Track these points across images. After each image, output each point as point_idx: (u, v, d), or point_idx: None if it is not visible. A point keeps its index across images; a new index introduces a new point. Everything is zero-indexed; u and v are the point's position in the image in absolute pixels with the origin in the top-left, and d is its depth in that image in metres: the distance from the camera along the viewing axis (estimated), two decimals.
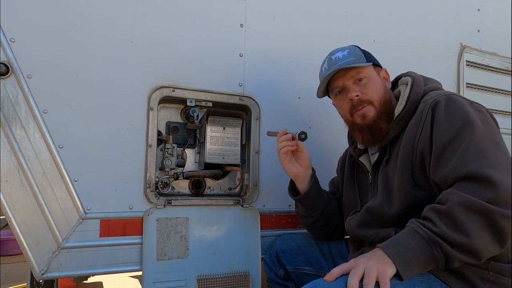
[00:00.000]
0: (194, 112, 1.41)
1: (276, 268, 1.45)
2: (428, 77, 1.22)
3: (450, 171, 0.93)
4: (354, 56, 1.20)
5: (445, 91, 1.11)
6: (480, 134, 0.94)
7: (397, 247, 0.88)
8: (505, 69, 2.11)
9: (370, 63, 1.19)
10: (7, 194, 1.14)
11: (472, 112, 0.99)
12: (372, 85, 1.18)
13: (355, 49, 1.23)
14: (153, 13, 1.35)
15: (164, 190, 1.38)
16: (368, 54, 1.24)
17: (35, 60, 1.19)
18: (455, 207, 0.86)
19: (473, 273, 0.93)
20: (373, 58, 1.25)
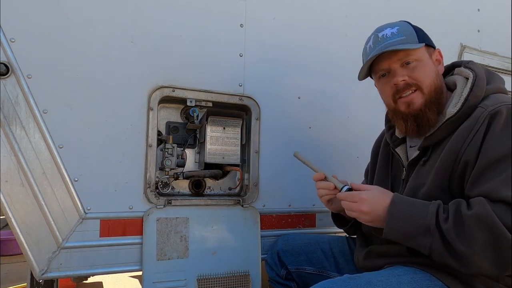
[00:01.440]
0: (194, 112, 1.41)
1: (278, 268, 1.45)
2: (491, 71, 1.09)
3: (489, 190, 0.88)
4: (405, 34, 1.06)
5: (508, 98, 0.98)
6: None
7: (400, 212, 0.93)
8: (505, 69, 2.11)
9: (422, 44, 1.04)
10: (7, 194, 1.14)
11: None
12: (422, 69, 1.05)
13: (406, 26, 1.08)
14: (153, 13, 1.35)
15: (164, 190, 1.38)
16: (421, 33, 1.08)
17: (35, 60, 1.19)
18: (474, 217, 0.85)
19: (482, 283, 0.92)
20: (427, 37, 1.09)
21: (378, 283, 0.93)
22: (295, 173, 1.54)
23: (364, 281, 0.93)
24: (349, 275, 0.96)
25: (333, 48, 1.65)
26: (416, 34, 1.07)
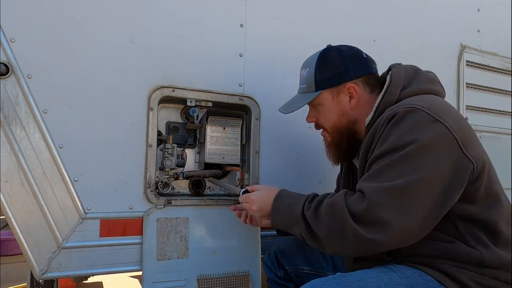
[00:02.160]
0: (194, 112, 1.41)
1: (276, 268, 1.45)
2: (416, 72, 1.12)
3: (359, 183, 0.97)
4: (306, 82, 1.19)
5: (420, 99, 1.00)
6: (404, 163, 0.90)
7: (281, 205, 1.08)
8: (505, 69, 2.11)
9: (318, 92, 1.15)
10: (7, 194, 1.14)
11: (417, 138, 0.90)
12: (324, 113, 1.18)
13: (311, 71, 1.17)
14: (153, 13, 1.35)
15: (164, 190, 1.38)
16: (324, 75, 1.15)
17: (35, 60, 1.19)
18: (328, 204, 0.97)
19: (468, 278, 0.93)
20: (332, 76, 1.14)
21: (370, 280, 0.94)
22: (295, 173, 1.54)
23: (356, 278, 0.94)
24: (341, 273, 0.98)
25: None
26: (315, 82, 1.15)
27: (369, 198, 0.90)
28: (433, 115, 0.93)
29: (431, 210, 0.90)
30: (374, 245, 0.90)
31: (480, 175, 0.95)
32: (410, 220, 0.89)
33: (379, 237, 0.88)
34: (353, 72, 1.14)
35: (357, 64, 1.15)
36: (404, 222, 0.88)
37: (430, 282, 0.94)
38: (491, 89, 2.07)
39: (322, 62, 1.16)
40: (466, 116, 1.97)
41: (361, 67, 1.15)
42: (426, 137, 0.90)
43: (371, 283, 0.92)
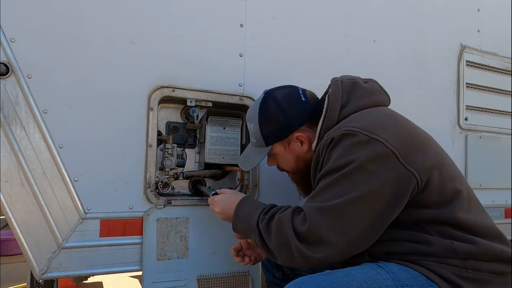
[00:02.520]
0: (194, 112, 1.41)
1: (274, 270, 1.45)
2: (355, 86, 1.13)
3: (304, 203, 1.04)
4: (255, 138, 1.22)
5: (352, 121, 1.04)
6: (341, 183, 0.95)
7: (242, 213, 1.13)
8: (505, 69, 2.11)
9: (269, 147, 1.20)
10: (7, 194, 1.14)
11: (353, 158, 0.94)
12: (281, 160, 1.25)
13: (256, 126, 1.20)
14: (153, 13, 1.35)
15: (164, 190, 1.38)
16: (269, 129, 1.18)
17: (35, 60, 1.19)
18: (277, 220, 1.02)
19: (451, 273, 0.95)
20: (277, 130, 1.17)
21: (357, 275, 0.94)
22: None
23: (343, 273, 0.95)
24: (329, 270, 0.99)
25: (333, 48, 1.65)
26: (263, 138, 1.19)
27: (309, 219, 0.96)
28: (367, 134, 0.96)
29: (371, 224, 0.95)
30: (318, 261, 0.96)
31: (429, 182, 0.97)
32: (349, 236, 0.94)
33: (321, 255, 0.94)
34: (296, 122, 1.17)
35: (298, 112, 1.17)
36: (343, 239, 0.94)
37: (417, 277, 0.95)
38: (491, 89, 2.07)
39: (263, 117, 1.19)
40: (466, 117, 1.97)
41: (302, 113, 1.17)
42: (362, 156, 0.94)
43: (358, 278, 0.93)
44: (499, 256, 0.98)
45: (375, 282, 0.92)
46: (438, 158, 1.03)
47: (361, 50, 1.71)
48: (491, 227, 1.03)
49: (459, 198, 1.00)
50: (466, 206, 1.01)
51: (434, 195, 0.98)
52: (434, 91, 1.90)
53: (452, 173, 1.04)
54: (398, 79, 1.79)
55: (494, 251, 0.98)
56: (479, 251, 0.96)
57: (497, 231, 1.04)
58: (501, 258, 0.99)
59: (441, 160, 1.03)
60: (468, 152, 1.96)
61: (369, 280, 0.93)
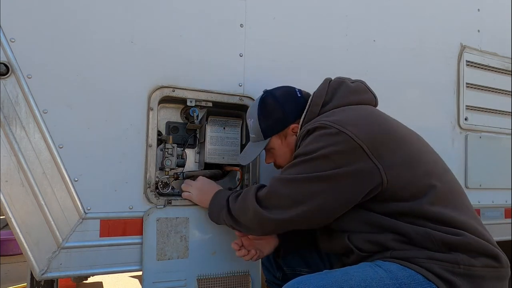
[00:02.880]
0: (194, 112, 1.41)
1: (274, 270, 1.45)
2: (341, 85, 1.21)
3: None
4: (254, 133, 1.30)
5: (326, 116, 1.12)
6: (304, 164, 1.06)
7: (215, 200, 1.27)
8: (505, 69, 2.11)
9: (267, 140, 1.27)
10: (7, 194, 1.14)
11: (319, 147, 1.04)
12: (278, 155, 1.30)
13: (255, 121, 1.28)
14: (153, 13, 1.35)
15: (164, 190, 1.38)
16: (267, 123, 1.26)
17: (35, 60, 1.19)
18: (244, 191, 1.19)
19: (443, 269, 0.96)
20: (274, 123, 1.26)
21: (355, 274, 0.96)
22: None
23: (341, 273, 0.97)
24: (328, 270, 1.00)
25: (333, 48, 1.65)
26: (262, 131, 1.27)
27: (270, 186, 1.11)
28: (337, 127, 1.04)
29: (324, 203, 1.04)
30: (271, 223, 1.08)
31: (398, 177, 1.02)
32: (300, 207, 1.04)
33: (274, 217, 1.07)
34: (291, 115, 1.25)
35: (294, 107, 1.26)
36: (295, 208, 1.05)
37: (414, 275, 0.96)
38: (491, 89, 2.07)
39: (262, 112, 1.27)
40: (466, 117, 1.97)
41: (298, 107, 1.25)
42: (328, 145, 1.02)
43: (357, 276, 0.94)
44: (484, 248, 1.00)
45: (373, 281, 0.93)
46: (412, 155, 1.07)
47: (361, 50, 1.71)
48: (472, 227, 1.03)
49: (432, 193, 1.03)
50: (442, 202, 1.04)
51: (405, 190, 1.03)
52: (434, 91, 1.90)
53: (430, 170, 1.08)
54: (398, 79, 1.79)
55: (477, 242, 1.00)
56: (460, 241, 0.98)
57: (480, 232, 1.04)
58: (487, 252, 1.00)
59: (416, 158, 1.07)
60: (468, 152, 1.96)
61: (367, 279, 0.93)
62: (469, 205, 1.12)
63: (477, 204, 1.94)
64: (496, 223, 1.96)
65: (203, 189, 1.33)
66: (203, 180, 1.36)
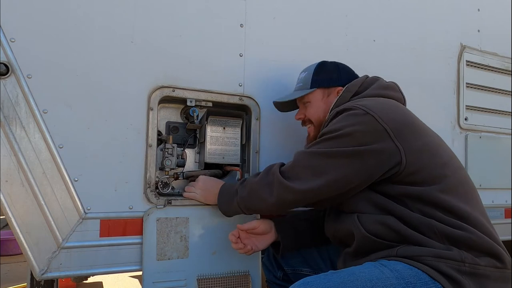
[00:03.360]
0: (194, 112, 1.41)
1: (275, 270, 1.45)
2: (376, 81, 1.29)
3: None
4: (303, 82, 1.37)
5: (357, 101, 1.18)
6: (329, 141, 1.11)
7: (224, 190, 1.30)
8: (505, 69, 2.11)
9: (312, 89, 1.33)
10: (7, 194, 1.14)
11: (345, 125, 1.09)
12: (312, 108, 1.35)
13: (309, 73, 1.36)
14: (153, 13, 1.35)
15: (164, 190, 1.38)
16: (320, 76, 1.34)
17: (35, 60, 1.19)
18: (267, 167, 1.22)
19: (450, 267, 0.96)
20: (328, 78, 1.34)
21: (361, 274, 0.95)
22: None
23: (347, 273, 0.96)
24: (333, 271, 1.00)
25: (333, 48, 1.65)
26: (311, 80, 1.34)
27: (294, 157, 1.16)
28: (364, 109, 1.10)
29: (343, 178, 1.08)
30: (292, 192, 1.11)
31: (416, 162, 1.07)
32: (320, 180, 1.08)
33: (295, 186, 1.10)
34: (344, 80, 1.33)
35: (349, 75, 1.36)
36: (315, 180, 1.09)
37: (420, 275, 0.96)
38: (491, 89, 2.07)
39: (321, 67, 1.36)
40: (466, 117, 1.97)
41: (352, 78, 1.35)
42: (354, 124, 1.08)
43: (363, 277, 0.94)
44: (486, 246, 1.00)
45: (379, 280, 0.93)
46: (432, 146, 1.12)
47: (361, 50, 1.72)
48: (479, 222, 1.05)
49: (445, 182, 1.07)
50: (453, 192, 1.06)
51: (419, 175, 1.07)
52: (434, 91, 1.90)
53: (446, 162, 1.12)
54: (398, 79, 1.77)
55: (480, 239, 1.00)
56: (463, 236, 0.99)
57: (486, 228, 1.05)
58: (489, 251, 1.01)
59: (435, 149, 1.12)
60: (468, 152, 1.96)
61: (373, 279, 0.93)
62: (479, 201, 1.14)
63: None
64: (496, 223, 1.96)
65: (206, 187, 1.35)
66: (204, 178, 1.37)
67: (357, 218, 1.10)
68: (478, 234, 1.01)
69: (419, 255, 0.99)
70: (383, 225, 1.05)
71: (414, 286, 0.93)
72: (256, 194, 1.19)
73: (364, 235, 1.08)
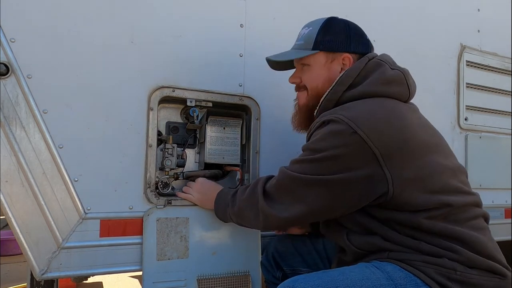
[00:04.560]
0: (194, 112, 1.41)
1: (274, 270, 1.44)
2: (377, 70, 1.11)
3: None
4: (305, 40, 1.19)
5: (346, 108, 1.05)
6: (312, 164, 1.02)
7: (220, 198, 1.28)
8: (505, 69, 2.11)
9: (314, 51, 1.16)
10: (7, 194, 1.14)
11: (330, 146, 0.99)
12: (310, 73, 1.19)
13: (314, 30, 1.18)
14: (153, 13, 1.35)
15: (164, 190, 1.38)
16: (326, 37, 1.16)
17: (35, 60, 1.19)
18: (253, 183, 1.18)
19: (439, 274, 0.95)
20: (334, 41, 1.16)
21: (352, 274, 0.95)
22: None
23: (338, 273, 0.96)
24: (324, 270, 1.00)
25: None
26: (315, 41, 1.16)
27: (278, 178, 1.10)
28: (353, 126, 0.96)
29: (325, 206, 1.03)
30: (273, 218, 1.07)
31: (405, 190, 0.97)
32: (302, 207, 1.04)
33: (276, 213, 1.06)
34: (354, 45, 1.16)
35: (360, 40, 1.18)
36: (297, 207, 1.04)
37: (411, 277, 0.95)
38: (491, 89, 2.07)
39: (328, 25, 1.18)
40: (466, 117, 1.97)
41: (362, 44, 1.19)
42: (338, 146, 0.97)
43: (353, 276, 0.94)
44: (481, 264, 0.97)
45: (369, 280, 0.93)
46: (426, 171, 1.00)
47: None
48: (476, 240, 0.99)
49: (435, 209, 0.99)
50: (448, 218, 1.00)
51: (408, 204, 0.99)
52: (434, 91, 1.90)
53: (443, 185, 1.02)
54: None
55: (471, 261, 0.96)
56: (454, 258, 0.96)
57: (483, 245, 0.99)
58: (484, 269, 0.97)
59: (431, 173, 1.00)
60: (468, 152, 1.96)
61: (363, 279, 0.93)
62: (477, 213, 1.06)
63: None
64: (496, 223, 1.96)
65: (204, 190, 1.34)
66: (202, 181, 1.37)
67: (346, 238, 1.09)
68: (469, 255, 0.96)
69: (409, 259, 0.98)
70: (372, 245, 1.04)
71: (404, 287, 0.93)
72: (243, 214, 1.18)
73: (355, 251, 1.08)
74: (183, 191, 1.38)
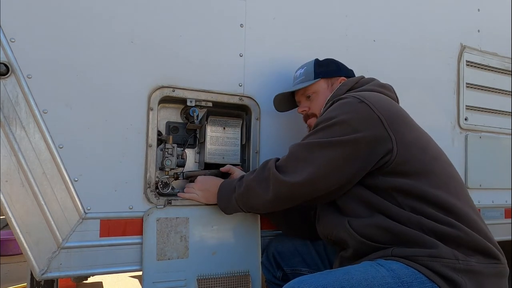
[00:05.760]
0: (194, 112, 1.41)
1: (274, 270, 1.45)
2: (372, 81, 1.32)
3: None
4: (305, 75, 1.40)
5: (353, 92, 1.22)
6: (322, 131, 1.12)
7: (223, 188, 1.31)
8: (505, 69, 2.11)
9: (316, 80, 1.36)
10: (7, 194, 1.14)
11: (339, 113, 1.11)
12: (316, 99, 1.37)
13: (309, 67, 1.40)
14: (153, 13, 1.35)
15: (164, 190, 1.38)
16: (321, 69, 1.38)
17: (35, 60, 1.19)
18: (263, 163, 1.22)
19: (444, 266, 0.96)
20: (329, 70, 1.39)
21: (357, 273, 0.95)
22: None
23: (343, 272, 0.96)
24: (329, 270, 1.00)
25: (333, 48, 1.65)
26: (314, 72, 1.38)
27: (290, 150, 1.17)
28: (359, 97, 1.12)
29: (338, 168, 1.08)
30: (287, 186, 1.11)
31: (406, 153, 1.07)
32: (315, 171, 1.08)
33: (290, 179, 1.10)
34: (344, 71, 1.41)
35: (346, 68, 1.44)
36: (310, 171, 1.09)
37: (416, 274, 0.96)
38: (491, 89, 2.07)
39: (319, 61, 1.41)
40: (466, 117, 1.97)
41: (350, 71, 1.44)
42: (347, 112, 1.10)
43: (358, 275, 0.94)
44: (476, 243, 1.00)
45: (374, 279, 0.93)
46: (423, 140, 1.14)
47: (361, 50, 1.72)
48: (471, 218, 1.04)
49: (435, 176, 1.08)
50: (443, 187, 1.07)
51: (410, 165, 1.08)
52: (434, 91, 1.90)
53: (437, 156, 1.14)
54: (398, 79, 1.79)
55: (469, 236, 1.00)
56: (452, 233, 0.99)
57: (477, 224, 1.05)
58: (479, 248, 1.00)
59: (426, 143, 1.14)
60: (468, 152, 1.96)
61: (368, 278, 0.93)
62: (469, 198, 1.14)
63: (477, 204, 1.93)
64: (496, 223, 1.97)
65: (206, 187, 1.35)
66: (202, 178, 1.37)
67: (348, 225, 1.10)
68: (467, 231, 1.01)
69: (413, 255, 0.99)
70: (375, 227, 1.05)
71: (410, 285, 0.93)
72: (252, 190, 1.19)
73: (358, 240, 1.08)
74: (184, 191, 1.38)
